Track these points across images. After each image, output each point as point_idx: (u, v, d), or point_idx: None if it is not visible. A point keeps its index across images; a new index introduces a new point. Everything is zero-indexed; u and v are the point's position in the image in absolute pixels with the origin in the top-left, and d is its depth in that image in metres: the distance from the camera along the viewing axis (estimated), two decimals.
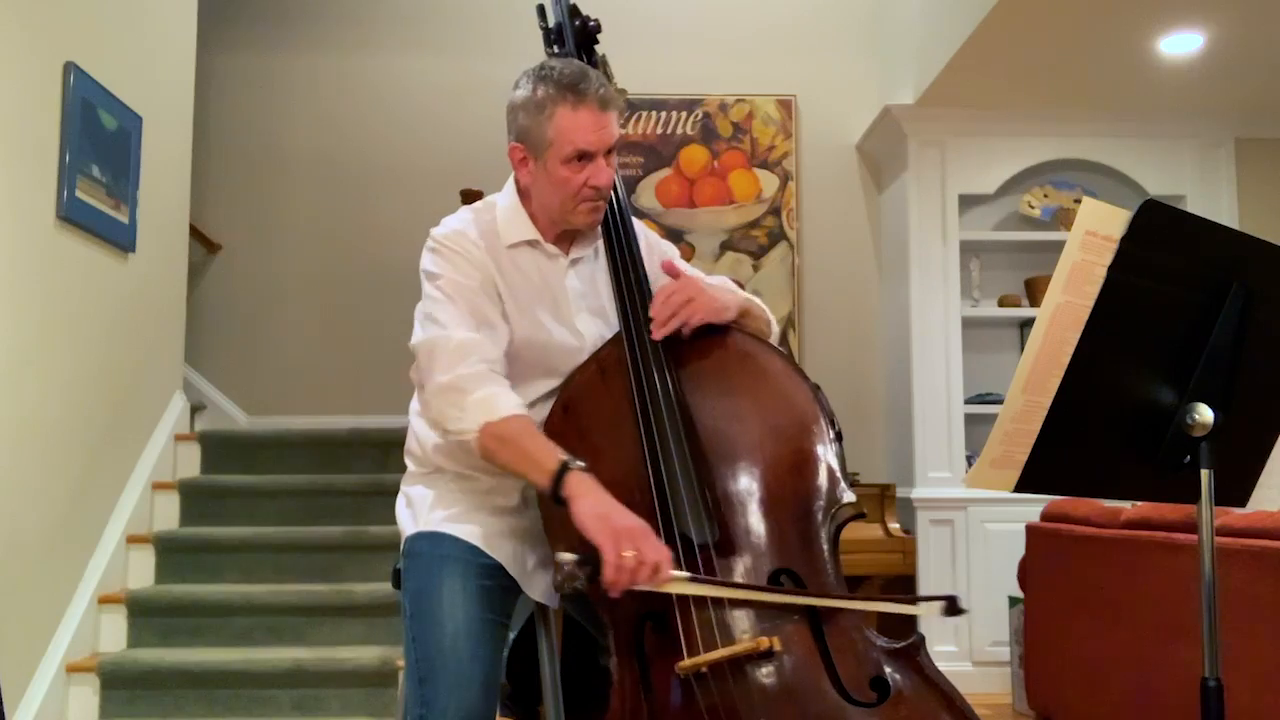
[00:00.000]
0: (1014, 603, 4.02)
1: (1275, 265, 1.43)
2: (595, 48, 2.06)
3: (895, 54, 4.95)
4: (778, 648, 1.52)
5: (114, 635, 3.72)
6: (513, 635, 1.83)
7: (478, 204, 1.88)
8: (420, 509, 1.83)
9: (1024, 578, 3.80)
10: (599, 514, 1.49)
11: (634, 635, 1.57)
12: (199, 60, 4.68)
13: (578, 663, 1.87)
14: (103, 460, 3.81)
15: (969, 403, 4.64)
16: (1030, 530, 3.76)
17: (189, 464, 4.47)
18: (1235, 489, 1.54)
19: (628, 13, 5.04)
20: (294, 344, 5.15)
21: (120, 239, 3.87)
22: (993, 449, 1.39)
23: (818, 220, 5.22)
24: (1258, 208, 4.75)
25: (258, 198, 5.23)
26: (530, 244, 1.83)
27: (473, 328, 1.71)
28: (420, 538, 1.78)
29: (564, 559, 1.50)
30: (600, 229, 1.89)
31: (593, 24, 2.04)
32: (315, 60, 5.28)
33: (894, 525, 4.28)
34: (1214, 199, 4.72)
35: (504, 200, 1.86)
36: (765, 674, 1.52)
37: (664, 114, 5.19)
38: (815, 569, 1.63)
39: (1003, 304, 4.81)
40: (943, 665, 1.63)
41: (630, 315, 1.79)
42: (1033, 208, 4.78)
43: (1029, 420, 1.38)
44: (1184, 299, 1.40)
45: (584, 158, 1.73)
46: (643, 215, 5.10)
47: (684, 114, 5.20)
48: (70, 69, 3.48)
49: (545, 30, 2.08)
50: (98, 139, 3.67)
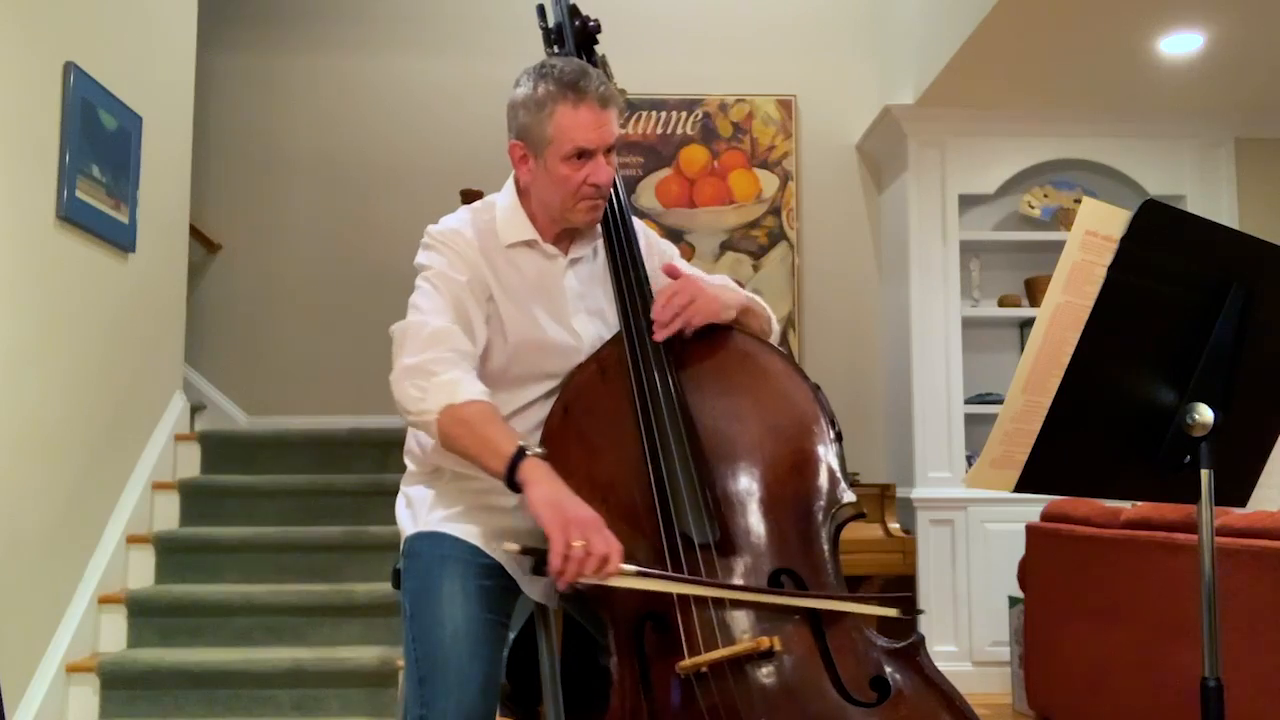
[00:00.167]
0: (1014, 603, 4.02)
1: (1275, 265, 1.43)
2: (595, 48, 2.06)
3: (895, 54, 4.95)
4: (778, 648, 1.52)
5: (114, 635, 3.72)
6: (513, 635, 1.83)
7: (477, 204, 1.88)
8: (420, 509, 1.83)
9: (1024, 578, 3.80)
10: (551, 502, 1.48)
11: (634, 635, 1.57)
12: (199, 60, 4.68)
13: (578, 663, 1.87)
14: (103, 460, 3.81)
15: (969, 403, 4.64)
16: (1030, 530, 3.76)
17: (189, 464, 4.47)
18: (1235, 489, 1.54)
19: (628, 13, 5.04)
20: (294, 344, 5.15)
21: (120, 239, 3.87)
22: (993, 449, 1.39)
23: (818, 220, 5.22)
24: (1258, 208, 4.75)
25: (258, 198, 5.23)
26: (528, 244, 1.83)
27: (451, 319, 1.71)
28: (420, 538, 1.78)
29: (509, 547, 1.48)
30: (600, 228, 1.90)
31: (593, 24, 2.05)
32: (315, 60, 5.28)
33: (894, 525, 4.28)
34: (1214, 199, 4.72)
35: (503, 200, 1.86)
36: (765, 674, 1.52)
37: (664, 114, 5.19)
38: (815, 569, 1.63)
39: (1003, 304, 4.81)
40: (943, 665, 1.63)
41: (630, 315, 1.79)
42: (1033, 208, 4.78)
43: (1029, 420, 1.38)
44: (1184, 299, 1.40)
45: (584, 155, 1.73)
46: (643, 215, 5.10)
47: (684, 114, 5.20)
48: (70, 69, 3.48)
49: (545, 30, 2.08)
50: (98, 139, 3.67)
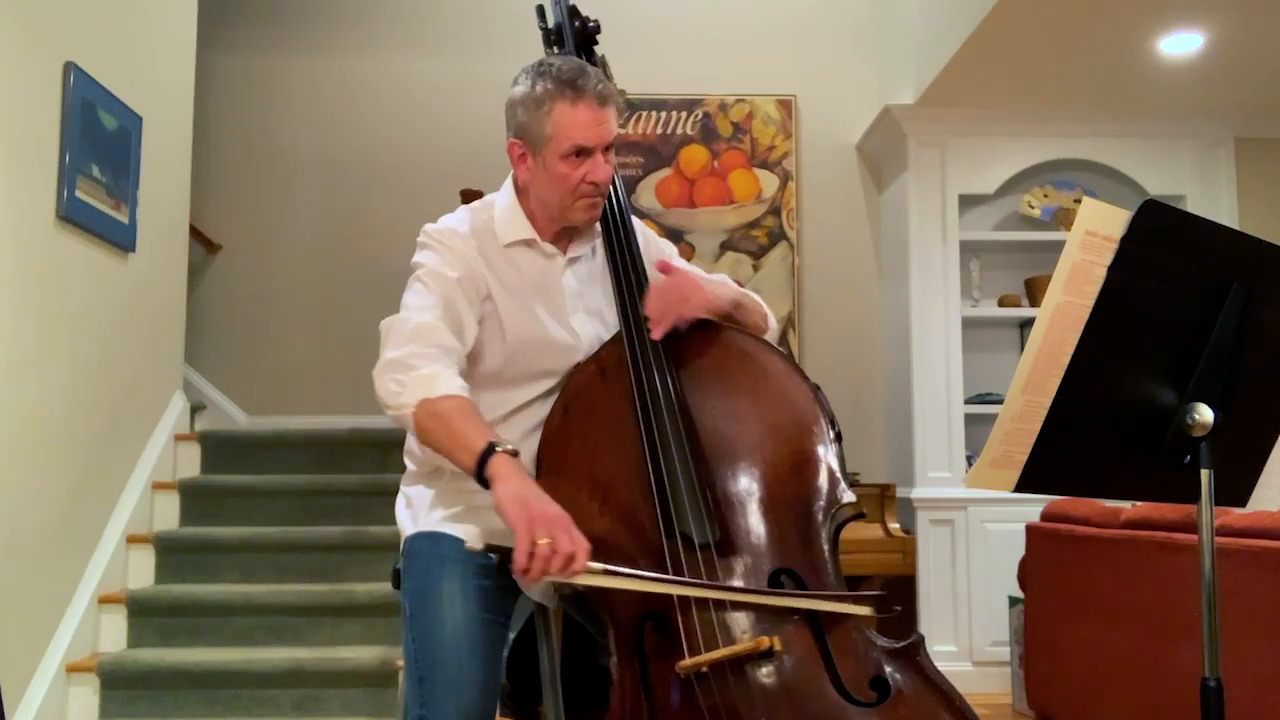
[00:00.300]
0: (1014, 603, 4.02)
1: (1275, 265, 1.43)
2: (595, 48, 2.06)
3: (895, 54, 4.95)
4: (778, 647, 1.52)
5: (114, 635, 3.72)
6: (513, 635, 1.83)
7: (475, 204, 1.88)
8: (420, 509, 1.83)
9: (1024, 578, 3.80)
10: (517, 499, 1.46)
11: (634, 635, 1.57)
12: (199, 60, 4.68)
13: (578, 663, 1.87)
14: (103, 460, 3.81)
15: (969, 403, 4.64)
16: (1030, 530, 3.76)
17: (189, 464, 4.47)
18: (1235, 489, 1.54)
19: (628, 13, 5.05)
20: (294, 344, 5.15)
21: (120, 239, 3.87)
22: (993, 449, 1.39)
23: (818, 220, 5.22)
24: (1258, 208, 4.75)
25: (258, 198, 5.23)
26: (527, 243, 1.83)
27: (437, 316, 1.71)
28: (420, 538, 1.78)
29: (473, 545, 1.47)
30: (600, 228, 1.90)
31: (592, 25, 2.05)
32: (315, 60, 5.28)
33: (894, 525, 4.28)
34: (1214, 199, 4.72)
35: (502, 200, 1.86)
36: (766, 674, 1.52)
37: (664, 114, 5.19)
38: (816, 569, 1.63)
39: (1003, 304, 4.81)
40: (943, 665, 1.63)
41: (630, 315, 1.79)
42: (1033, 208, 4.78)
43: (1029, 420, 1.38)
44: (1184, 299, 1.40)
45: (582, 153, 1.73)
46: (643, 215, 5.10)
47: (684, 114, 5.20)
48: (70, 69, 3.48)
49: (545, 31, 2.08)
50: (98, 139, 3.67)
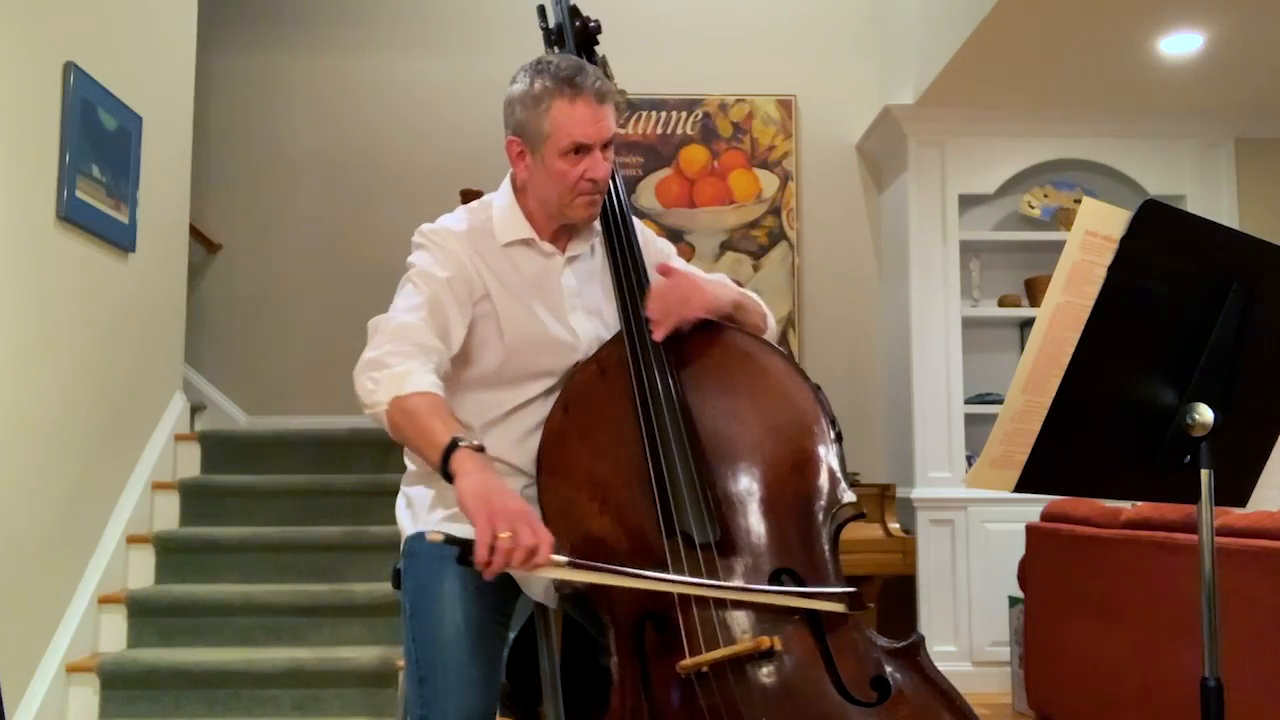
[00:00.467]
0: (1014, 603, 4.02)
1: (1275, 265, 1.43)
2: (595, 48, 2.06)
3: (895, 54, 4.95)
4: (778, 647, 1.52)
5: (114, 635, 3.72)
6: (513, 635, 1.83)
7: (474, 204, 1.88)
8: (420, 509, 1.83)
9: (1024, 578, 3.80)
10: (479, 493, 1.45)
11: (634, 635, 1.57)
12: (199, 60, 4.68)
13: (578, 662, 1.87)
14: (102, 460, 3.81)
15: (969, 403, 4.64)
16: (1030, 530, 3.76)
17: (189, 464, 4.47)
18: (1235, 489, 1.54)
19: (628, 13, 5.04)
20: (294, 344, 5.14)
21: (120, 239, 3.87)
22: (993, 449, 1.39)
23: (818, 220, 5.22)
24: (1258, 208, 4.75)
25: (258, 198, 5.23)
26: (525, 243, 1.83)
27: (422, 316, 1.71)
28: (420, 538, 1.78)
29: (433, 536, 1.45)
30: (600, 228, 1.90)
31: (593, 25, 2.05)
32: (315, 60, 5.28)
33: (894, 525, 4.28)
34: (1214, 199, 4.72)
35: (500, 199, 1.86)
36: (766, 673, 1.52)
37: (664, 114, 5.19)
38: (816, 569, 1.63)
39: (1003, 304, 4.81)
40: (943, 665, 1.63)
41: (631, 315, 1.79)
42: (1033, 208, 4.78)
43: (1029, 420, 1.38)
44: (1184, 299, 1.40)
45: (581, 150, 1.73)
46: (643, 215, 5.10)
47: (684, 114, 5.20)
48: (70, 69, 3.48)
49: (546, 31, 2.09)
50: (98, 139, 3.67)
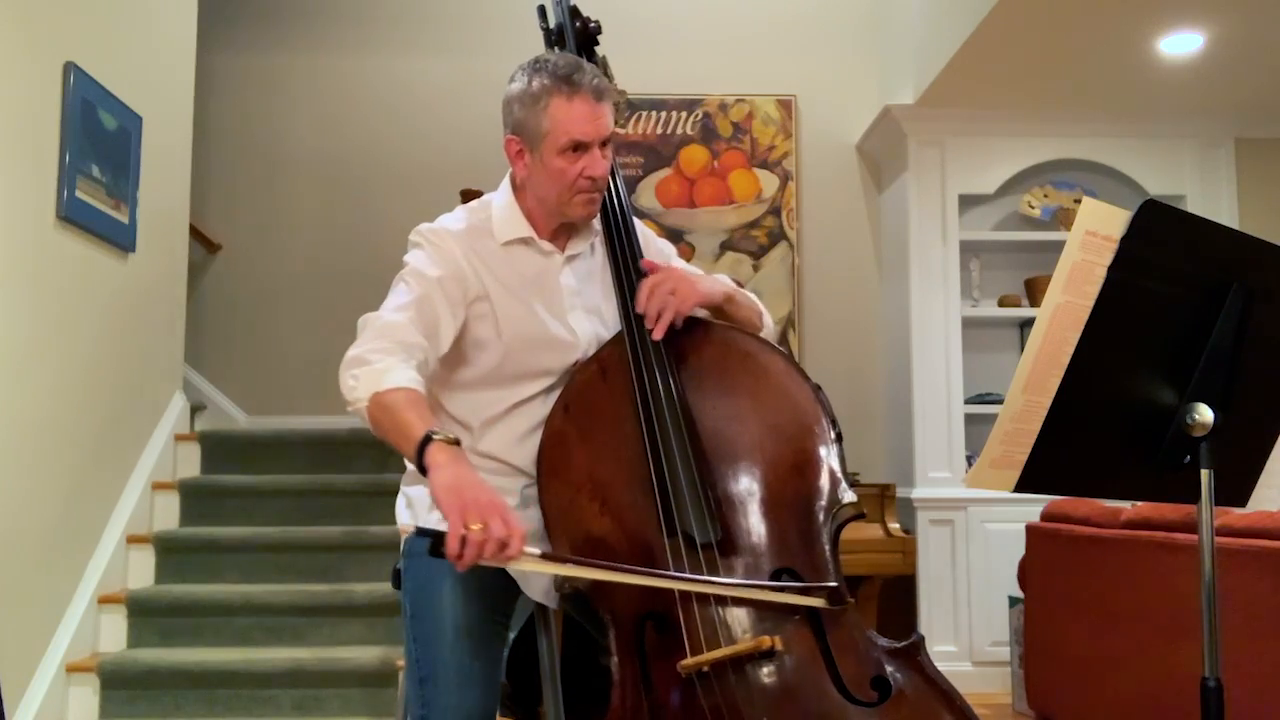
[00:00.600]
0: (1014, 603, 4.02)
1: (1275, 265, 1.43)
2: (596, 49, 2.06)
3: (895, 54, 4.95)
4: (779, 647, 1.52)
5: (114, 635, 3.72)
6: (513, 635, 1.83)
7: (473, 203, 1.89)
8: (420, 509, 1.83)
9: (1024, 578, 3.80)
10: (450, 486, 1.45)
11: (635, 635, 1.57)
12: (199, 60, 4.68)
13: (578, 662, 1.87)
14: (103, 460, 3.81)
15: (969, 403, 4.64)
16: (1030, 530, 3.76)
17: (189, 464, 4.47)
18: (1235, 489, 1.54)
19: (628, 13, 5.04)
20: (294, 344, 5.14)
21: (120, 239, 3.87)
22: (993, 449, 1.39)
23: (818, 220, 5.22)
24: (1258, 208, 4.75)
25: (258, 198, 5.23)
26: (524, 241, 1.83)
27: (409, 315, 1.70)
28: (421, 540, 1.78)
29: (405, 527, 1.45)
30: (601, 229, 1.90)
31: (593, 25, 2.05)
32: (316, 60, 5.28)
33: (894, 525, 4.28)
34: (1214, 199, 4.72)
35: (499, 199, 1.86)
36: (767, 673, 1.52)
37: (664, 114, 5.19)
38: (816, 569, 1.63)
39: (1003, 304, 4.81)
40: (943, 665, 1.63)
41: (631, 315, 1.79)
42: (1033, 208, 4.78)
43: (1029, 420, 1.38)
44: (1184, 299, 1.40)
45: (579, 148, 1.73)
46: (643, 215, 5.10)
47: (684, 114, 5.20)
48: (70, 69, 3.48)
49: (546, 31, 2.09)
50: (98, 139, 3.67)
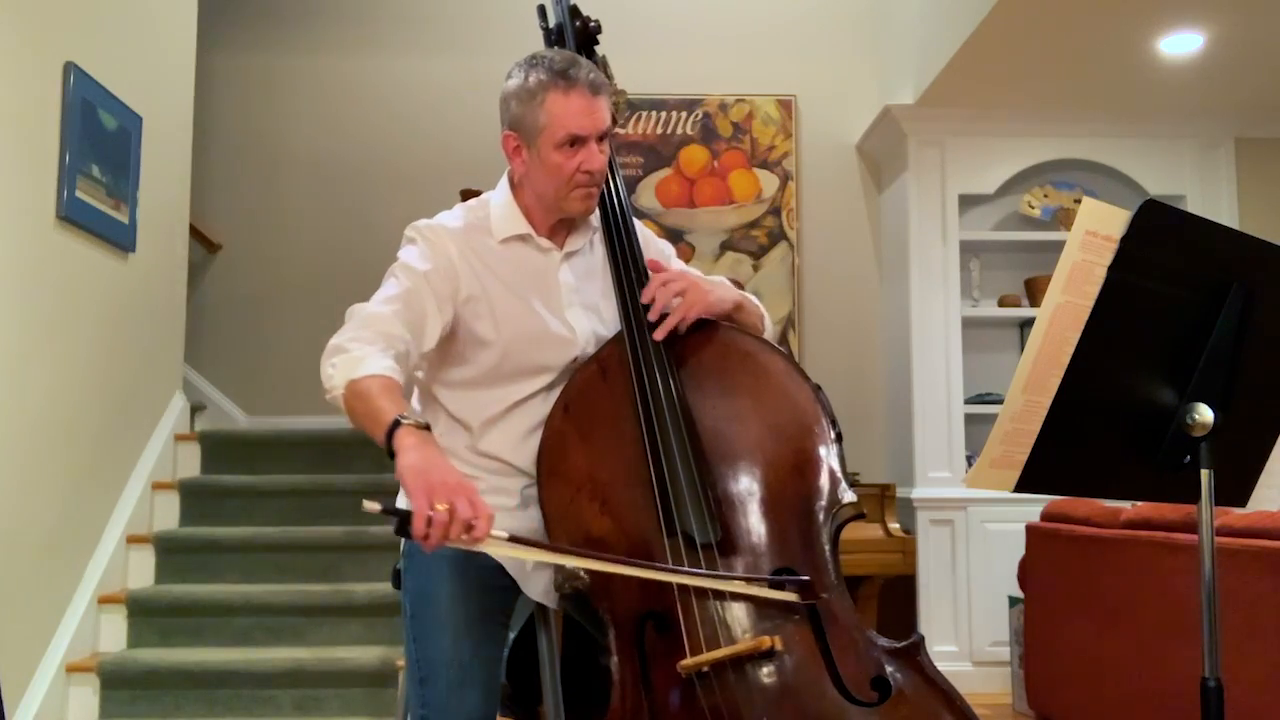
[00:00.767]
0: (1014, 603, 4.02)
1: (1275, 265, 1.43)
2: (596, 48, 2.06)
3: (895, 54, 4.95)
4: (779, 647, 1.52)
5: (114, 635, 3.72)
6: (513, 635, 1.83)
7: (471, 201, 1.89)
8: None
9: (1024, 578, 3.80)
10: (416, 468, 1.44)
11: (635, 634, 1.58)
12: (199, 60, 4.68)
13: (578, 662, 1.87)
14: (103, 460, 3.81)
15: (969, 403, 4.64)
16: (1030, 530, 3.76)
17: (189, 464, 4.47)
18: (1235, 489, 1.54)
19: (628, 13, 5.04)
20: (294, 344, 5.14)
21: (120, 239, 3.87)
22: (993, 449, 1.39)
23: (818, 220, 5.22)
24: (1258, 208, 4.75)
25: (258, 198, 5.23)
26: (522, 238, 1.84)
27: (394, 307, 1.71)
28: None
29: (370, 506, 1.44)
30: (601, 228, 1.90)
31: (593, 25, 2.05)
32: (315, 60, 5.28)
33: (894, 525, 4.28)
34: (1214, 199, 4.72)
35: (497, 197, 1.87)
36: (766, 673, 1.52)
37: (664, 114, 5.19)
38: (816, 568, 1.63)
39: (1003, 304, 4.81)
40: (943, 665, 1.63)
41: (631, 315, 1.79)
42: (1033, 208, 4.78)
43: (1029, 420, 1.38)
44: (1184, 299, 1.40)
45: (576, 143, 1.74)
46: (643, 215, 5.10)
47: (684, 114, 5.20)
48: (70, 69, 3.48)
49: (546, 31, 2.09)
50: (98, 139, 3.67)
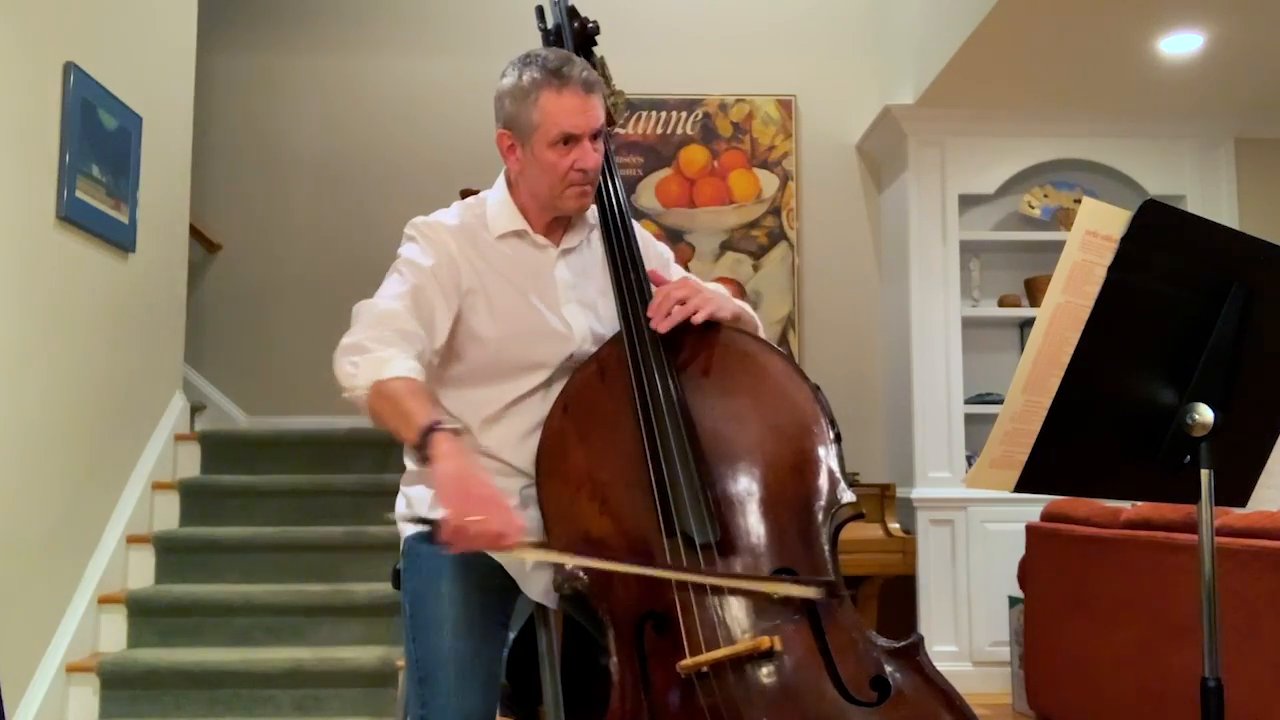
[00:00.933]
0: (1014, 603, 4.02)
1: (1275, 265, 1.43)
2: (594, 49, 2.06)
3: (895, 54, 4.95)
4: (778, 647, 1.52)
5: (114, 635, 3.72)
6: (513, 635, 1.83)
7: (469, 199, 1.90)
8: (419, 509, 1.83)
9: (1024, 578, 3.80)
10: (454, 477, 1.48)
11: (634, 635, 1.57)
12: (199, 60, 4.68)
13: (578, 663, 1.87)
14: (103, 460, 3.81)
15: (969, 403, 4.64)
16: (1030, 530, 3.76)
17: (189, 464, 4.47)
18: (1235, 489, 1.54)
19: (628, 13, 5.05)
20: (294, 344, 5.14)
21: (120, 239, 3.87)
22: (993, 449, 1.39)
23: (818, 220, 5.22)
24: (1258, 208, 4.75)
25: (258, 198, 5.23)
26: (518, 234, 1.84)
27: (405, 304, 1.73)
28: (420, 538, 1.78)
29: (403, 515, 1.44)
30: (600, 228, 1.90)
31: (591, 25, 2.05)
32: (315, 60, 5.28)
33: (894, 525, 4.28)
34: (1214, 199, 4.72)
35: (494, 195, 1.88)
36: (766, 674, 1.52)
37: (664, 114, 5.19)
38: (815, 569, 1.63)
39: (1003, 304, 4.81)
40: (943, 665, 1.63)
41: (631, 315, 1.79)
42: (1033, 208, 4.78)
43: (1029, 420, 1.38)
44: (1184, 299, 1.40)
45: (570, 140, 1.74)
46: (643, 215, 5.10)
47: (684, 114, 5.20)
48: (70, 69, 3.48)
49: (544, 32, 2.08)
50: (98, 139, 3.67)
